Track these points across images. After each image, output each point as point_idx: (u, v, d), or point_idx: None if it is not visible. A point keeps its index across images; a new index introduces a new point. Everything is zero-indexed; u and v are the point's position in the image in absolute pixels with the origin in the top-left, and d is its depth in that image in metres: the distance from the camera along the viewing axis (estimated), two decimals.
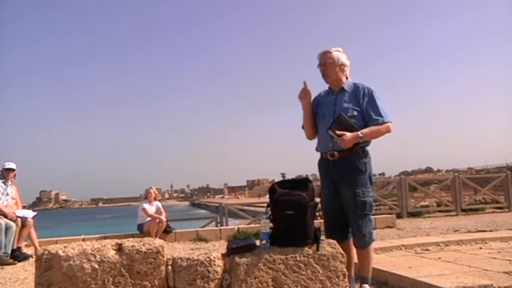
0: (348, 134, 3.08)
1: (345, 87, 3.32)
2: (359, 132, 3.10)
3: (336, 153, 3.22)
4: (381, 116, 3.19)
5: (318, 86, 3.50)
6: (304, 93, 3.37)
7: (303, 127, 3.52)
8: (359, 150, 3.20)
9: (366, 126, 3.17)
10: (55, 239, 7.61)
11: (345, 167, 3.20)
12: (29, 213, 6.68)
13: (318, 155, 3.44)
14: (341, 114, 3.17)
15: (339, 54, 3.33)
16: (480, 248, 5.36)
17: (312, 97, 3.45)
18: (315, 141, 3.47)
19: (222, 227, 9.46)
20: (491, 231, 7.15)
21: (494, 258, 4.55)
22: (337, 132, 3.10)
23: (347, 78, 3.37)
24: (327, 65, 3.33)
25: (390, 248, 5.49)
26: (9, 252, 5.92)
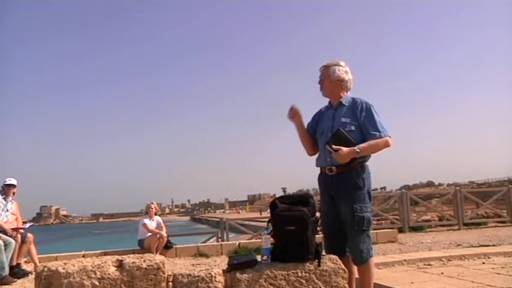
0: (345, 149, 3.08)
1: (343, 102, 3.33)
2: (356, 148, 3.09)
3: (334, 168, 3.22)
4: (379, 131, 3.17)
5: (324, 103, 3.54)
6: (293, 113, 3.38)
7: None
8: (357, 166, 3.19)
9: (364, 141, 3.17)
10: (55, 255, 7.56)
11: (342, 182, 3.19)
12: (27, 224, 6.76)
13: (318, 169, 3.44)
14: (339, 129, 3.17)
15: (336, 69, 3.33)
16: (483, 263, 5.32)
17: (312, 113, 3.47)
18: (315, 156, 3.48)
19: (223, 243, 9.40)
20: (494, 245, 7.10)
21: (498, 274, 4.51)
22: (334, 147, 3.11)
23: (347, 92, 3.38)
24: (323, 80, 3.37)
25: (392, 263, 5.46)
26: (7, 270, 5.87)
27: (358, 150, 3.09)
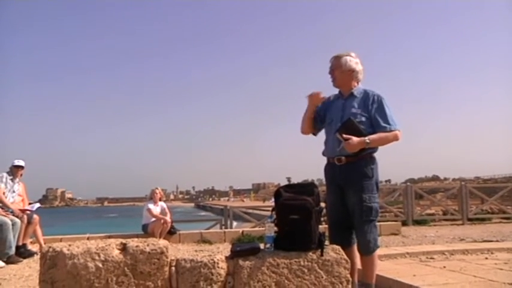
0: (355, 139, 3.07)
1: (355, 93, 3.31)
2: (366, 138, 3.08)
3: (343, 158, 3.20)
4: (389, 124, 3.18)
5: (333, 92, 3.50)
6: (315, 98, 3.35)
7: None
8: (366, 156, 3.19)
9: (374, 133, 3.16)
10: (60, 237, 7.65)
11: (351, 172, 3.19)
12: (34, 206, 6.80)
13: (323, 160, 3.42)
14: (350, 119, 3.16)
15: (348, 59, 3.30)
16: (486, 258, 5.30)
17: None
18: (320, 146, 3.46)
19: (226, 230, 9.45)
20: (497, 241, 7.08)
21: (501, 269, 4.50)
22: (344, 136, 3.09)
23: (358, 83, 3.35)
24: (335, 71, 3.34)
25: (395, 256, 5.46)
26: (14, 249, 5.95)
27: (368, 141, 3.08)
